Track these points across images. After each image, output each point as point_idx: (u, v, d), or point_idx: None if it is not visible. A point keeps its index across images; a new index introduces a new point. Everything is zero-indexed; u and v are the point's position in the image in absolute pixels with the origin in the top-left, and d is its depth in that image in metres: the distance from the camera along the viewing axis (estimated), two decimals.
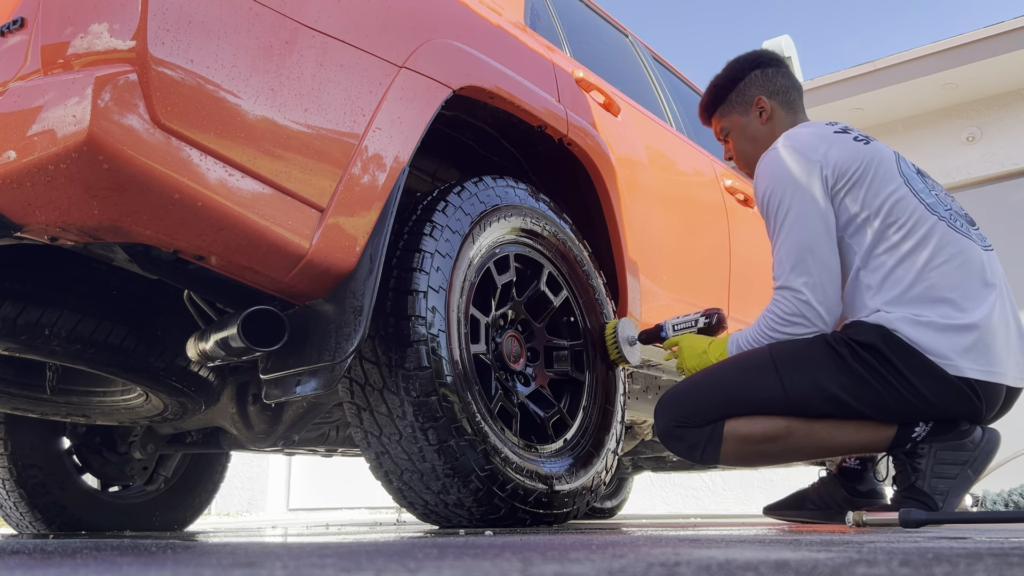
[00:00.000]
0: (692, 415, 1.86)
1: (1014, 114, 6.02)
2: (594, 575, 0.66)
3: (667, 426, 1.90)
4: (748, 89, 2.10)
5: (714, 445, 1.85)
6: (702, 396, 1.87)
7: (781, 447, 1.84)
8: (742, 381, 1.85)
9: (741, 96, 2.10)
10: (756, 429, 1.84)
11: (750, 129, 2.09)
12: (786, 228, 1.84)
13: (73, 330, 1.72)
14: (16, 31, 1.30)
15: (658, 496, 6.53)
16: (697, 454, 1.87)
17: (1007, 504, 3.54)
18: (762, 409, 1.83)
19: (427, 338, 1.63)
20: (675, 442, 1.90)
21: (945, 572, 0.66)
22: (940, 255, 1.80)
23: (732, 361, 1.92)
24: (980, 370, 1.76)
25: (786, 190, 1.84)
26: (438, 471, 1.66)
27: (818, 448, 1.84)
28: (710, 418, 1.85)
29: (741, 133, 2.11)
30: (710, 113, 2.17)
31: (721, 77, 2.15)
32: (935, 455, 1.79)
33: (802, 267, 1.81)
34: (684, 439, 1.88)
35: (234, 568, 0.73)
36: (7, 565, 0.83)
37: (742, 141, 2.11)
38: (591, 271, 2.18)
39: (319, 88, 1.48)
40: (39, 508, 2.53)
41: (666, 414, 1.90)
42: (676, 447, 1.90)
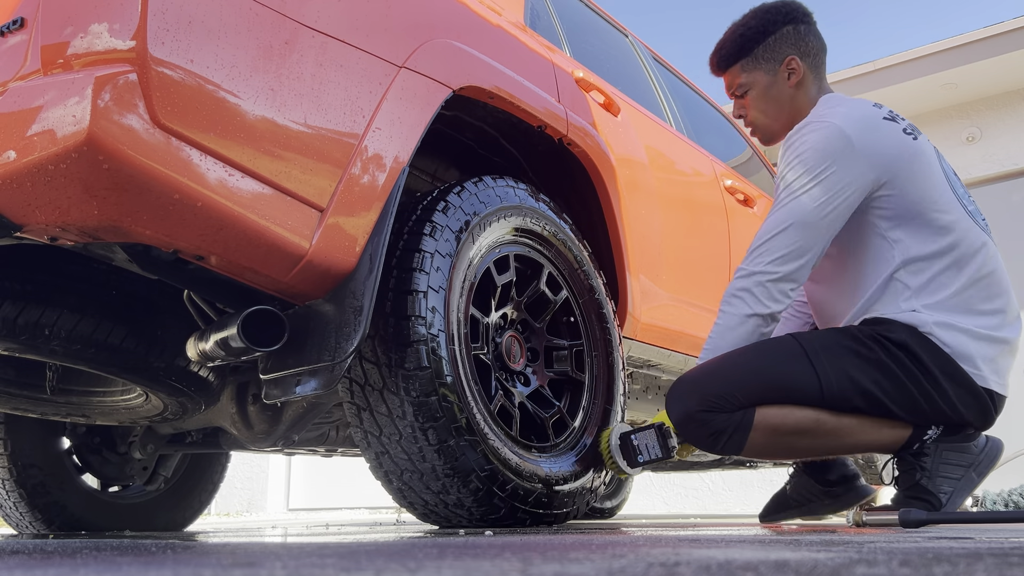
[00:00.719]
0: (721, 400, 1.74)
1: (1014, 114, 6.02)
2: (594, 575, 0.66)
3: (690, 411, 1.77)
4: (780, 45, 1.91)
5: (741, 433, 1.74)
6: (733, 381, 1.75)
7: (808, 442, 1.76)
8: (776, 368, 1.75)
9: (771, 52, 1.91)
10: (787, 420, 1.74)
11: (774, 89, 1.91)
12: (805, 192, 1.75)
13: (73, 330, 1.72)
14: (16, 31, 1.30)
15: (658, 496, 6.53)
16: (720, 442, 1.76)
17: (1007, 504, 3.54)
18: (795, 399, 1.74)
19: (427, 338, 1.63)
20: (697, 428, 1.77)
21: (945, 572, 0.66)
22: (985, 267, 1.80)
23: (757, 348, 1.80)
24: (999, 383, 1.80)
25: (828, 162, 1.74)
26: (438, 471, 1.66)
27: (840, 445, 1.79)
28: (740, 404, 1.74)
29: (764, 92, 1.92)
30: (730, 64, 1.95)
31: (749, 27, 1.93)
32: (941, 455, 1.79)
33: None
34: (709, 425, 1.75)
35: (234, 568, 0.73)
36: (7, 565, 0.83)
37: (764, 101, 1.93)
38: (591, 271, 2.18)
39: (319, 88, 1.48)
40: (39, 508, 2.53)
41: (688, 398, 1.78)
42: (697, 433, 1.78)
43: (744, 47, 1.93)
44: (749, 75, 1.93)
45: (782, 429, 1.75)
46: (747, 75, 1.94)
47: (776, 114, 1.94)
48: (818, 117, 1.81)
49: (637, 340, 2.45)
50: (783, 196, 1.79)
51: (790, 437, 1.76)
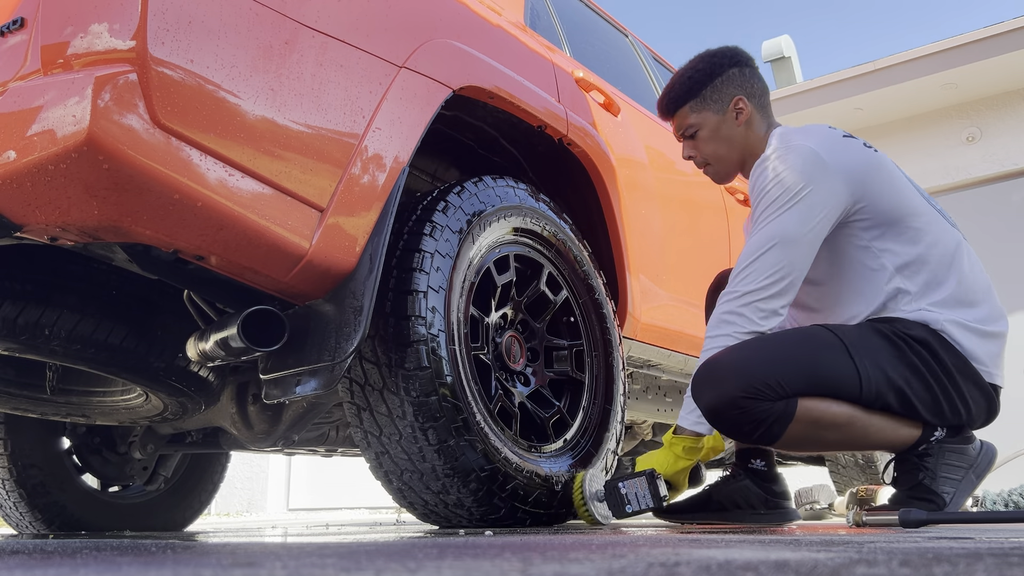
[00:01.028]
0: (766, 387, 1.67)
1: (1014, 114, 6.02)
2: (594, 575, 0.66)
3: (731, 396, 1.68)
4: (727, 87, 1.95)
5: (782, 424, 1.69)
6: (778, 369, 1.69)
7: (838, 436, 1.75)
8: (820, 360, 1.73)
9: (719, 93, 1.95)
10: (827, 413, 1.72)
11: (724, 129, 1.95)
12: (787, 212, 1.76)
13: (73, 330, 1.72)
14: (16, 31, 1.30)
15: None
16: (758, 431, 1.70)
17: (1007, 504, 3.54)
18: (835, 394, 1.72)
19: (427, 338, 1.63)
20: (736, 415, 1.69)
21: (945, 572, 0.66)
22: (967, 263, 1.84)
23: (798, 336, 1.78)
24: (1001, 376, 1.82)
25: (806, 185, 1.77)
26: (438, 471, 1.66)
27: (861, 441, 1.78)
28: (785, 394, 1.69)
29: (713, 132, 1.95)
30: (679, 106, 1.98)
31: (696, 70, 1.97)
32: (943, 455, 1.79)
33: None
34: (749, 413, 1.68)
35: (234, 568, 0.73)
36: (7, 565, 0.83)
37: (714, 140, 1.95)
38: (591, 271, 2.18)
39: (319, 88, 1.48)
40: (39, 508, 2.53)
41: (728, 383, 1.69)
42: (735, 419, 1.70)
43: (692, 89, 1.97)
44: (698, 115, 1.96)
45: (821, 422, 1.72)
46: (696, 115, 1.97)
47: (726, 153, 1.97)
48: (784, 143, 1.85)
49: (637, 340, 2.45)
50: (764, 217, 1.80)
51: (826, 431, 1.74)
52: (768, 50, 7.41)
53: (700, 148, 1.98)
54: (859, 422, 1.75)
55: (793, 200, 1.76)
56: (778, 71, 7.35)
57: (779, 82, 7.22)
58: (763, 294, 1.76)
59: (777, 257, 1.76)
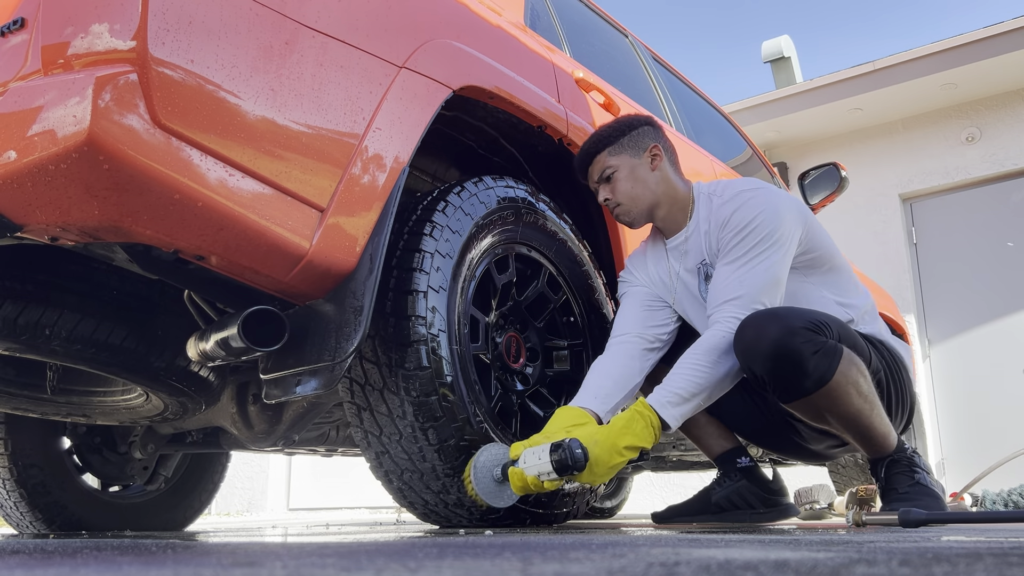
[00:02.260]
0: (823, 325, 1.79)
1: (1014, 114, 6.02)
2: (594, 575, 0.66)
3: (794, 327, 1.75)
4: (642, 138, 2.05)
5: (834, 358, 1.75)
6: (823, 317, 1.81)
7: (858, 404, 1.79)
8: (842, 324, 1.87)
9: (635, 141, 2.05)
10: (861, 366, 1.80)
11: (640, 170, 2.02)
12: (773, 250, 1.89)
13: (73, 330, 1.72)
14: (16, 31, 1.30)
15: (658, 496, 6.53)
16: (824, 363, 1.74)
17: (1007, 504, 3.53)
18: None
19: (427, 338, 1.63)
20: (803, 341, 1.74)
21: (945, 572, 0.66)
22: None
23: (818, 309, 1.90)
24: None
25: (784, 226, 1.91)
26: (438, 471, 1.66)
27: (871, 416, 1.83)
28: (834, 336, 1.79)
29: (630, 172, 2.02)
30: (598, 151, 2.04)
31: (613, 124, 2.08)
32: (919, 458, 1.92)
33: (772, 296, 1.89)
34: (815, 341, 1.75)
35: (234, 568, 0.73)
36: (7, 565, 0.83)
37: (629, 181, 2.01)
38: (591, 271, 2.18)
39: (319, 88, 1.48)
40: (39, 508, 2.53)
41: (789, 318, 1.77)
42: (802, 345, 1.73)
43: (611, 136, 2.05)
44: (616, 158, 2.03)
45: (855, 369, 1.79)
46: (614, 158, 2.03)
47: (641, 194, 2.02)
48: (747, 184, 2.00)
49: None
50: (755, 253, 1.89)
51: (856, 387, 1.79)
52: (768, 50, 7.40)
53: (615, 190, 2.03)
54: (873, 395, 1.84)
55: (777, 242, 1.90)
56: (778, 71, 7.34)
57: (779, 82, 7.21)
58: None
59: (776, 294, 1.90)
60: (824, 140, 6.55)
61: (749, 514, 2.04)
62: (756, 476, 2.09)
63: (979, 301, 5.85)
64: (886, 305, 3.95)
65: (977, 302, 5.86)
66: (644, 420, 1.73)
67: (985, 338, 5.80)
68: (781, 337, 1.74)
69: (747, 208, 1.92)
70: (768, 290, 1.87)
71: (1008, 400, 5.61)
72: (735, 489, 2.07)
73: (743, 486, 2.06)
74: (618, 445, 1.69)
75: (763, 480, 2.09)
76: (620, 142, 2.04)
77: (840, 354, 1.76)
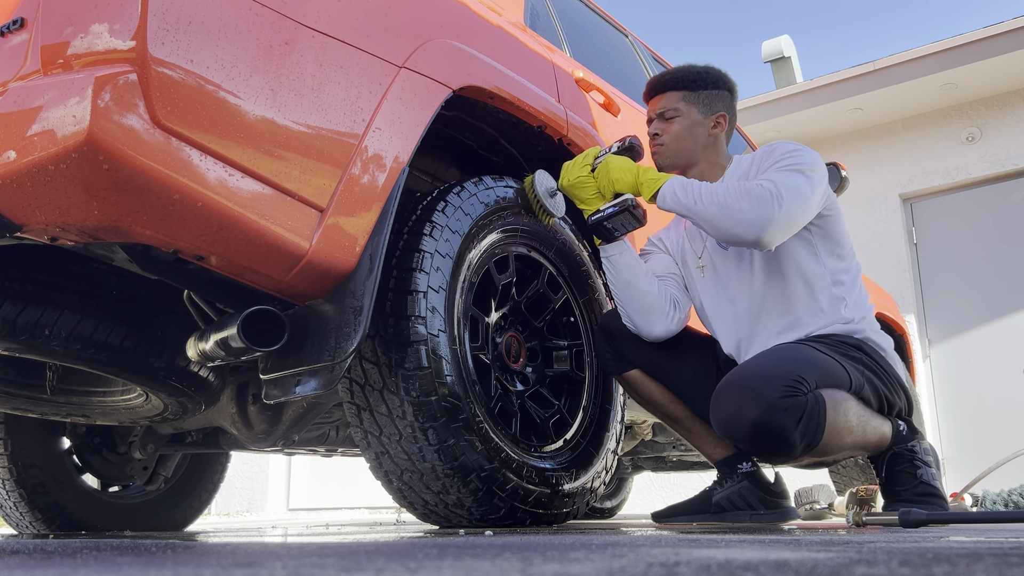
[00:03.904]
0: (796, 382, 1.71)
1: (1014, 114, 6.02)
2: (594, 575, 0.66)
3: (772, 400, 1.68)
4: (717, 101, 2.09)
5: (822, 414, 1.72)
6: (795, 370, 1.73)
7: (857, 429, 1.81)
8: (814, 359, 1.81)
9: (710, 100, 2.08)
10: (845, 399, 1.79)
11: (699, 129, 2.06)
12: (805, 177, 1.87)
13: (73, 330, 1.72)
14: (16, 31, 1.30)
15: (658, 496, 6.52)
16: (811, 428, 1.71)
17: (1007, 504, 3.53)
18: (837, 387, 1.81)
19: (427, 338, 1.63)
20: (787, 417, 1.68)
21: (945, 572, 0.66)
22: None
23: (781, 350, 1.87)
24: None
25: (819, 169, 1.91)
26: (438, 471, 1.66)
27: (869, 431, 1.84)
28: (809, 387, 1.73)
29: (690, 125, 2.06)
30: (675, 88, 2.09)
31: (702, 72, 2.10)
32: (925, 453, 1.91)
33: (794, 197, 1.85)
34: (797, 409, 1.69)
35: (234, 568, 0.73)
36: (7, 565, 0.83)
37: (685, 132, 2.06)
38: (591, 271, 2.18)
39: (319, 88, 1.48)
40: (39, 508, 2.53)
41: (764, 390, 1.69)
42: (787, 422, 1.68)
43: (694, 83, 2.09)
44: (686, 105, 2.07)
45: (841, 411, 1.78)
46: (684, 104, 2.07)
47: (687, 150, 2.07)
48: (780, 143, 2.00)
49: None
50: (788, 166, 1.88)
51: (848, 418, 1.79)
52: (768, 50, 7.40)
53: (668, 131, 2.08)
54: (865, 411, 1.85)
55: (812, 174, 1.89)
56: (778, 71, 7.34)
57: (779, 82, 7.21)
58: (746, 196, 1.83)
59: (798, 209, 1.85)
60: (824, 140, 6.54)
61: (750, 515, 2.04)
62: (758, 478, 2.09)
63: (979, 301, 5.85)
64: (886, 305, 3.95)
65: (977, 302, 5.85)
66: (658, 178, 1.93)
67: (985, 338, 5.79)
68: (761, 416, 1.69)
69: (785, 145, 1.96)
70: (793, 193, 1.82)
71: (1008, 400, 5.61)
72: (736, 490, 2.07)
73: (744, 487, 2.06)
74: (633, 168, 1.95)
75: (764, 482, 2.09)
76: (700, 93, 2.08)
77: (822, 408, 1.73)
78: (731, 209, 1.81)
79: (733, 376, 1.79)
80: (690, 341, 2.12)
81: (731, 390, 1.75)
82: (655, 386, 2.09)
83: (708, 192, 1.85)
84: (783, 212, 1.80)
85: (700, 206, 1.85)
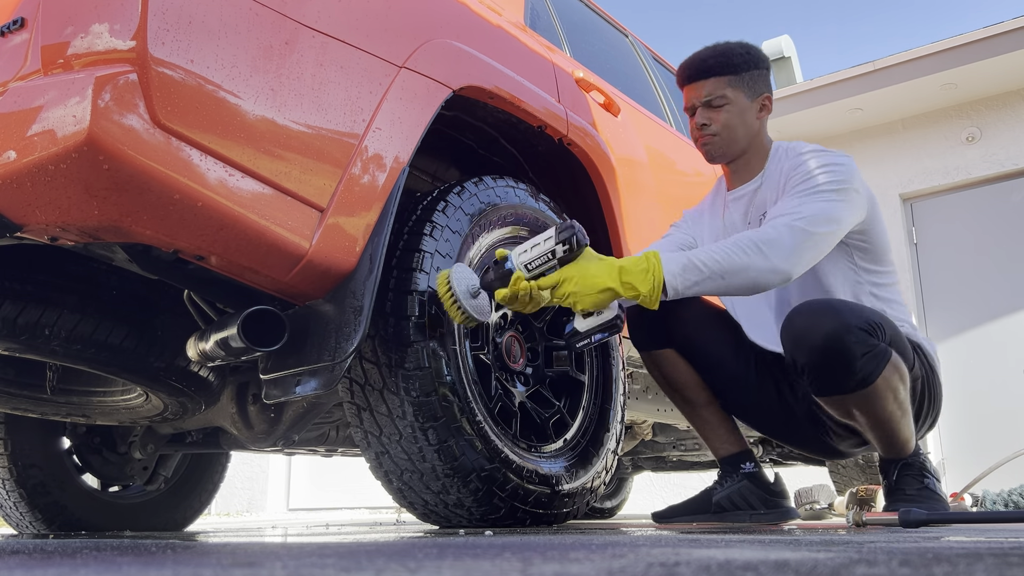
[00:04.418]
0: (877, 326, 1.74)
1: (1014, 114, 6.02)
2: (594, 575, 0.66)
3: (850, 324, 1.70)
4: (760, 82, 1.99)
5: (883, 362, 1.72)
6: (877, 318, 1.76)
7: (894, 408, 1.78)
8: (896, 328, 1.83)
9: (755, 82, 1.98)
10: (904, 373, 1.78)
11: (748, 114, 1.98)
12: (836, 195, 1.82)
13: (73, 330, 1.72)
14: (16, 31, 1.30)
15: (658, 496, 6.53)
16: (870, 366, 1.71)
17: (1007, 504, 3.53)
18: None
19: (427, 338, 1.63)
20: (856, 340, 1.69)
21: (945, 572, 0.66)
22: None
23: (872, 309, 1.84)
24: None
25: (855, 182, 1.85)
26: (438, 471, 1.66)
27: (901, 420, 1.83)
28: (885, 339, 1.76)
29: (740, 112, 1.97)
30: (717, 74, 1.96)
31: (743, 52, 1.98)
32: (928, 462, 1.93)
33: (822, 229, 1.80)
34: (867, 343, 1.71)
35: (234, 568, 0.73)
36: (7, 565, 0.83)
37: (736, 120, 1.96)
38: None
39: (319, 88, 1.48)
40: (39, 508, 2.53)
41: (846, 315, 1.72)
42: (854, 345, 1.69)
43: (738, 65, 1.97)
44: (733, 91, 1.96)
45: (897, 376, 1.76)
46: (731, 90, 1.96)
47: (740, 137, 1.98)
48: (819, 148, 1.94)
49: None
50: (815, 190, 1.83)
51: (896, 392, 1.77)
52: (768, 50, 7.40)
53: (719, 120, 1.97)
54: (907, 402, 1.82)
55: (844, 190, 1.83)
56: (778, 71, 7.34)
57: (779, 82, 7.21)
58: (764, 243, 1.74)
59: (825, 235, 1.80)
60: (824, 140, 6.54)
61: (750, 515, 2.04)
62: (758, 478, 2.09)
63: (979, 301, 5.85)
64: None
65: (977, 302, 5.85)
66: (649, 267, 1.65)
67: (985, 338, 5.79)
68: (834, 331, 1.70)
69: (823, 156, 1.89)
70: (821, 221, 1.78)
71: (1008, 400, 5.61)
72: (736, 490, 2.06)
73: (745, 487, 2.06)
74: (614, 268, 1.64)
75: (765, 482, 2.09)
76: (744, 76, 1.97)
77: (887, 359, 1.74)
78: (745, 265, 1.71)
79: (814, 301, 1.79)
80: (729, 326, 2.11)
81: (812, 308, 1.76)
82: (685, 367, 2.08)
83: (712, 259, 1.71)
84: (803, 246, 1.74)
85: (718, 277, 1.71)
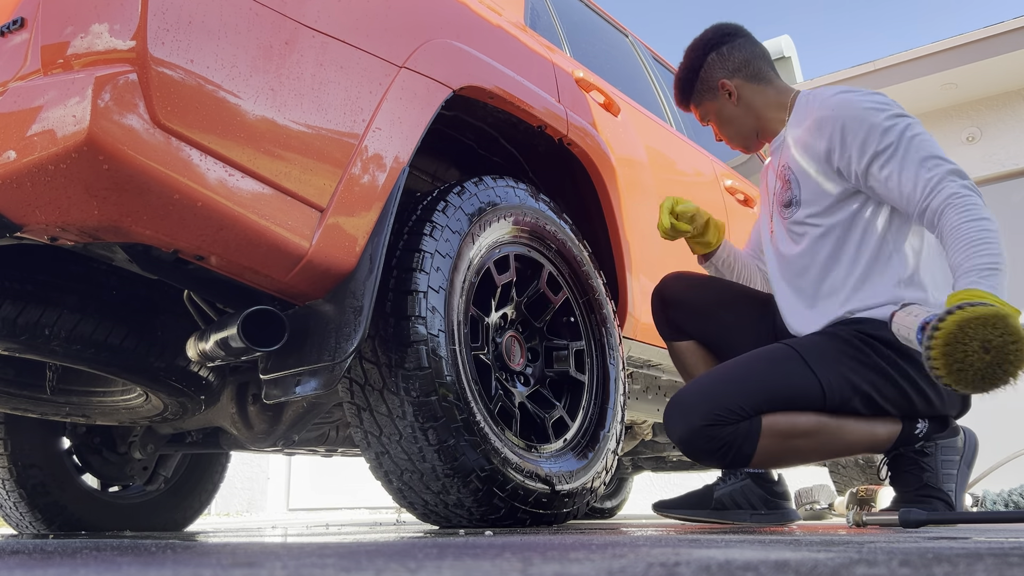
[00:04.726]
0: (726, 412, 1.77)
1: (1014, 114, 6.02)
2: (594, 575, 0.66)
3: (695, 427, 1.78)
4: (709, 76, 2.08)
5: (750, 442, 1.77)
6: (733, 392, 1.78)
7: (813, 444, 1.81)
8: (778, 377, 1.79)
9: (705, 84, 2.08)
10: (793, 424, 1.78)
11: (725, 112, 2.08)
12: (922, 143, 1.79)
13: (73, 330, 1.72)
14: (16, 31, 1.30)
15: (658, 496, 6.52)
16: (729, 455, 1.79)
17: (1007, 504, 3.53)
18: (799, 406, 1.79)
19: (427, 338, 1.63)
20: (705, 443, 1.79)
21: (945, 572, 0.66)
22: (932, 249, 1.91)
23: (756, 357, 1.85)
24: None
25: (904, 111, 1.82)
26: (438, 471, 1.66)
27: (842, 444, 1.82)
28: (745, 414, 1.77)
29: (719, 117, 2.10)
30: (685, 104, 2.17)
31: (682, 69, 2.13)
32: (939, 451, 1.84)
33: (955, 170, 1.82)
34: (716, 439, 1.77)
35: (234, 568, 0.73)
36: (7, 565, 0.83)
37: (722, 124, 2.11)
38: (591, 271, 2.18)
39: (319, 88, 1.48)
40: (39, 508, 2.53)
41: (691, 414, 1.79)
42: (704, 448, 1.79)
43: (685, 89, 2.13)
44: (702, 107, 2.12)
45: (790, 433, 1.79)
46: (701, 108, 2.13)
47: (740, 128, 2.10)
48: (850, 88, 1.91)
49: (637, 340, 2.45)
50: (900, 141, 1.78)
51: (797, 441, 1.80)
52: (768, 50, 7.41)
53: (719, 130, 2.14)
54: (829, 427, 1.81)
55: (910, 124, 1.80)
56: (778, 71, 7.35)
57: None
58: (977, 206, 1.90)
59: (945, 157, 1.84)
60: None
61: (750, 514, 2.04)
62: (761, 478, 2.09)
63: None
64: None
65: None
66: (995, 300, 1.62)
67: None
68: (683, 437, 1.83)
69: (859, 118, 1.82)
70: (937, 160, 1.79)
71: (1008, 400, 5.59)
72: (738, 488, 2.07)
73: (747, 486, 2.06)
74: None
75: (767, 482, 2.09)
76: (696, 90, 2.11)
77: (756, 434, 1.77)
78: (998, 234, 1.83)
79: (682, 389, 1.89)
80: (751, 316, 2.12)
81: (673, 403, 1.87)
82: (704, 359, 2.13)
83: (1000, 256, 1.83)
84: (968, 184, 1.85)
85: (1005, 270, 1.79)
